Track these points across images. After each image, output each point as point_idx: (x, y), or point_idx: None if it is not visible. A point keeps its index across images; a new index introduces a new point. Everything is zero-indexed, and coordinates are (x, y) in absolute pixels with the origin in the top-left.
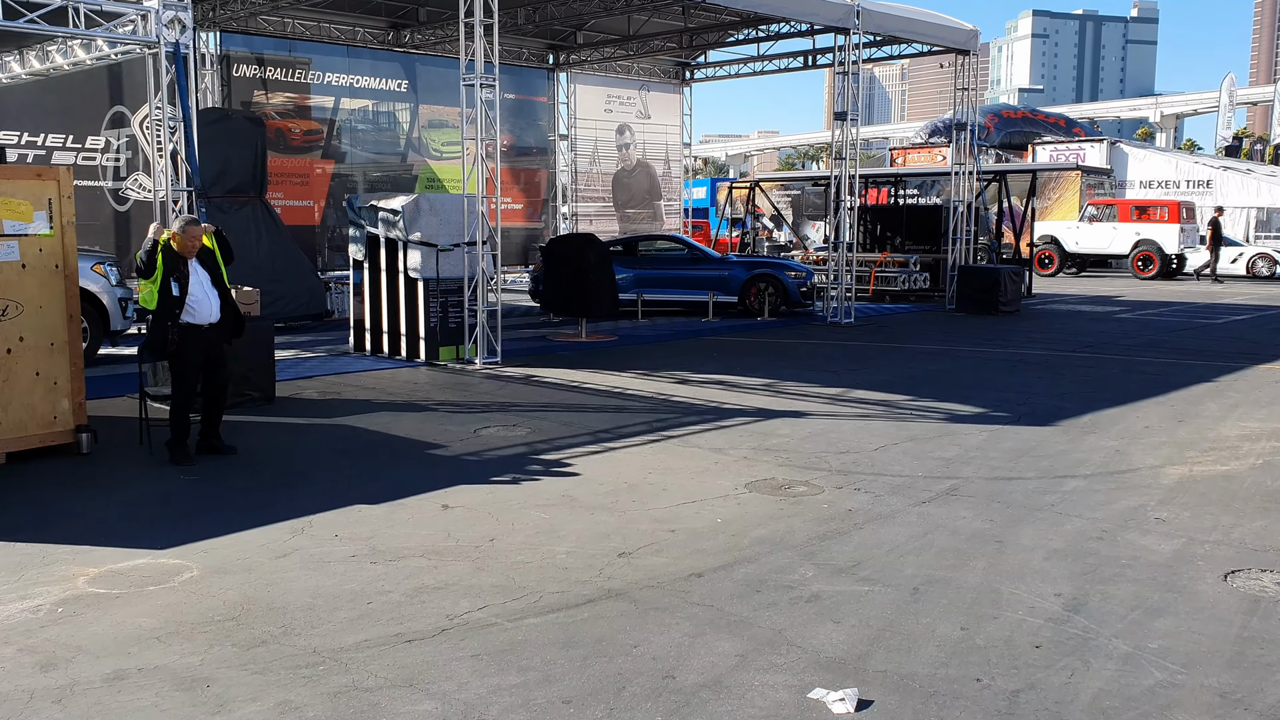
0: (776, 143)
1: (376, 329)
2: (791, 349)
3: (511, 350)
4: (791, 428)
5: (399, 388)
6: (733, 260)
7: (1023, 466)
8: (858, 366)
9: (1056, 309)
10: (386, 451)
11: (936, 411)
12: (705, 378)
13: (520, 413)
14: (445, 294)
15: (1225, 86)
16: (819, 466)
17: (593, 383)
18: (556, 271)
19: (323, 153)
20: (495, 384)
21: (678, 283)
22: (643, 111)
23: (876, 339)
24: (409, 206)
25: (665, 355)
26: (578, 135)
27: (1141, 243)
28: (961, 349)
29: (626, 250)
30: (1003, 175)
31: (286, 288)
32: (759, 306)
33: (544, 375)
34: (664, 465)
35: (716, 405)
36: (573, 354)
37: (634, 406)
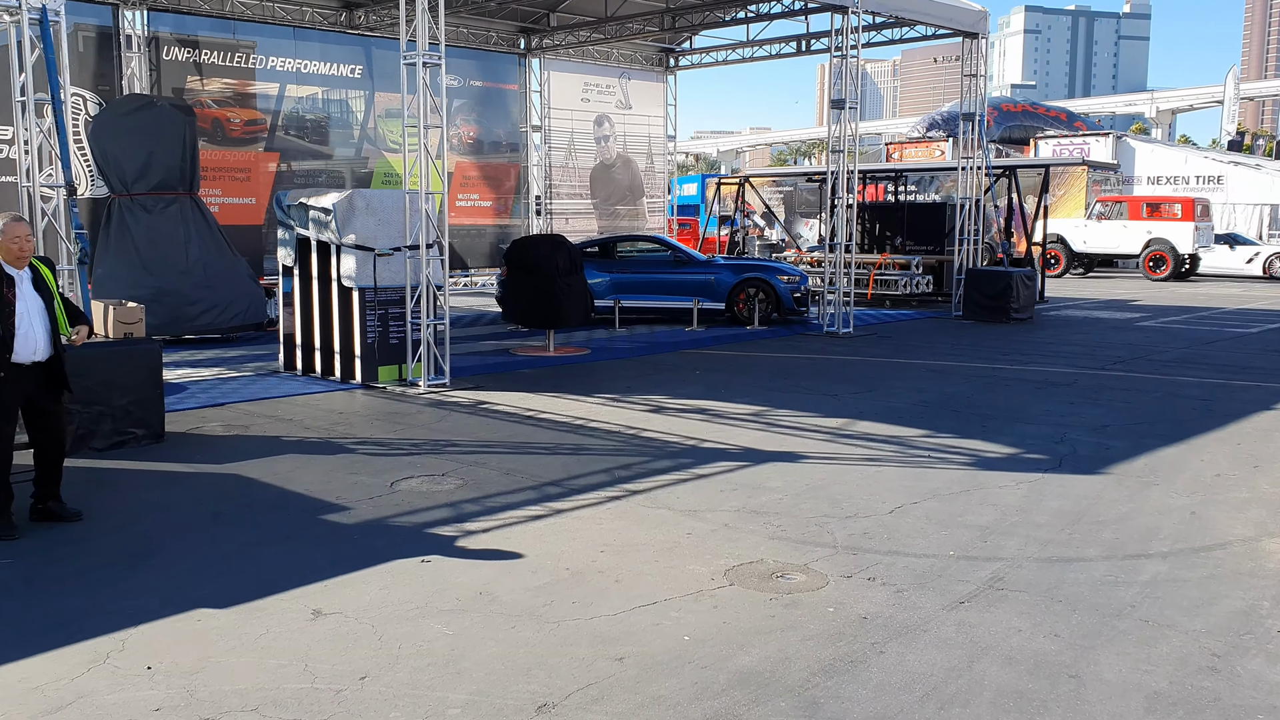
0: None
1: (308, 345)
2: (784, 365)
3: (465, 368)
4: (785, 477)
5: (321, 419)
6: (719, 263)
7: (1080, 538)
8: (861, 389)
9: (1072, 316)
10: (274, 516)
11: (959, 452)
12: (684, 404)
13: (456, 455)
14: (385, 305)
15: (1230, 80)
16: (820, 540)
17: (552, 411)
18: (521, 279)
19: (266, 145)
20: (436, 413)
21: (659, 288)
22: (623, 101)
23: (879, 353)
24: (341, 204)
25: (641, 373)
26: (552, 126)
27: (1153, 242)
28: (976, 365)
29: (603, 252)
30: (1012, 170)
31: (221, 295)
32: (748, 314)
33: (497, 401)
34: (622, 538)
35: (695, 444)
36: (536, 372)
37: (596, 446)
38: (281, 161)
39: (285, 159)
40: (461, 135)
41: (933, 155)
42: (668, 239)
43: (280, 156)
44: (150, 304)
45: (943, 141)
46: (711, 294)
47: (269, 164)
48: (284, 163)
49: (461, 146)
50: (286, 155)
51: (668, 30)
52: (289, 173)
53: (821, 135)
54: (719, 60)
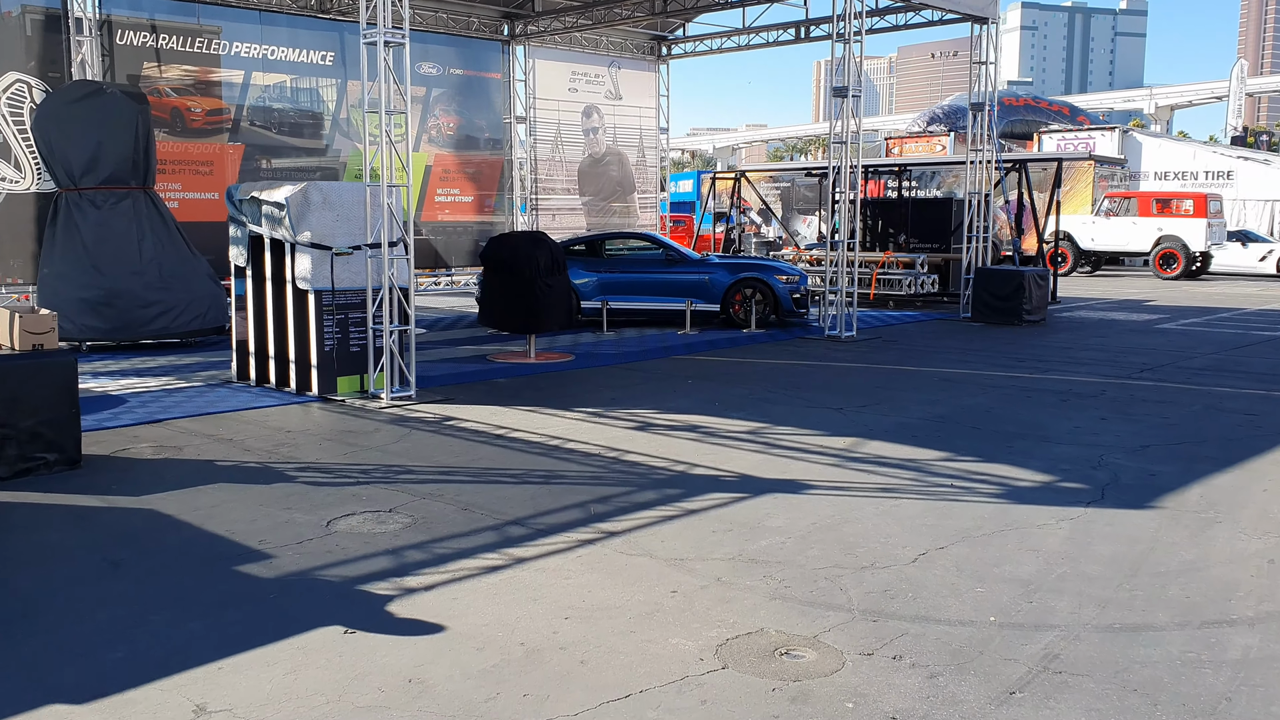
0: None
1: (262, 353)
2: (784, 373)
3: (437, 377)
4: (787, 513)
5: (265, 439)
6: (714, 262)
7: (1143, 596)
8: (868, 400)
9: (1086, 317)
10: (181, 566)
11: (985, 480)
12: (673, 420)
13: (409, 485)
14: (344, 310)
15: (1235, 74)
16: (832, 600)
17: (526, 429)
18: (498, 279)
19: (230, 136)
20: (396, 432)
21: (650, 288)
22: (613, 91)
23: (886, 359)
24: (295, 198)
25: (627, 383)
26: (537, 118)
27: (1164, 239)
28: (993, 374)
29: (590, 250)
30: (1022, 164)
31: (178, 297)
32: (744, 316)
33: (465, 417)
34: (593, 598)
35: (684, 469)
36: (513, 382)
37: (571, 473)
38: (247, 154)
39: (251, 151)
40: (441, 126)
41: (933, 150)
42: (659, 236)
43: (246, 149)
44: (100, 307)
45: (944, 136)
46: (705, 295)
47: (233, 157)
48: (250, 155)
49: (441, 138)
50: (252, 147)
51: (659, 16)
52: (255, 166)
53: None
54: (713, 49)
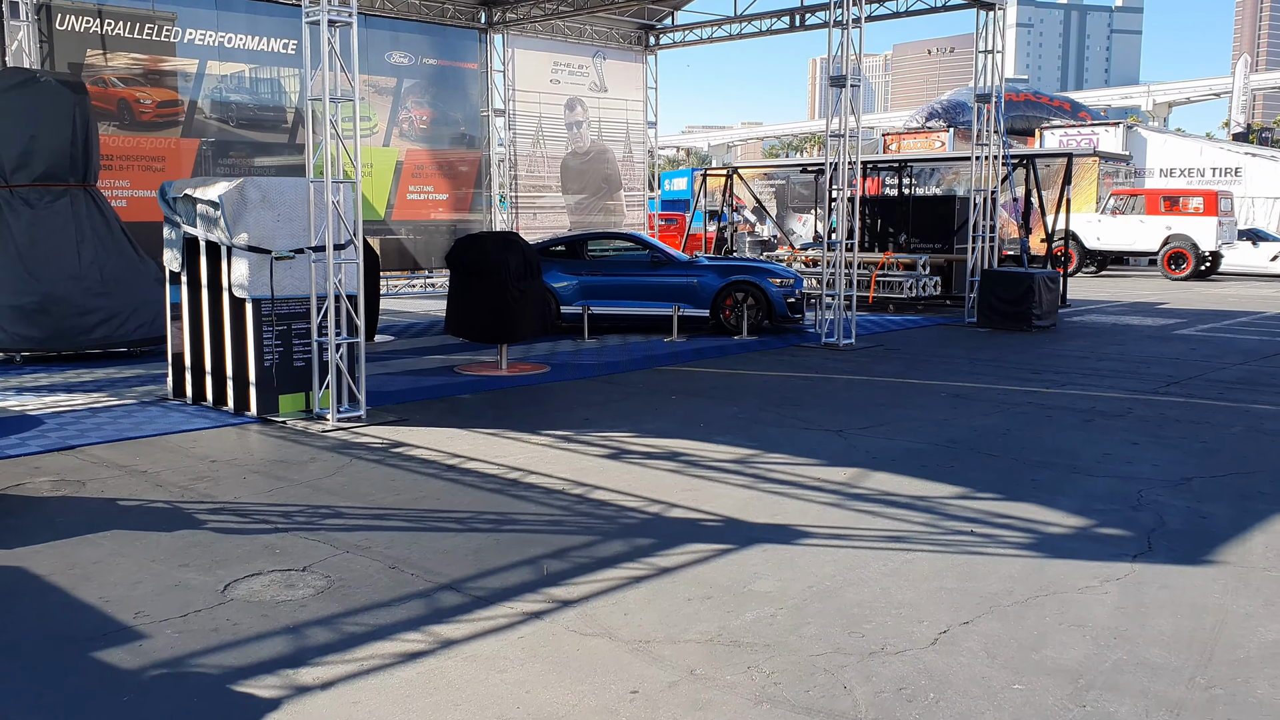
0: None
1: (198, 368)
2: (777, 387)
3: (395, 392)
4: (779, 571)
5: (184, 471)
6: (703, 264)
7: (1225, 698)
8: (870, 421)
9: (1099, 322)
10: (28, 648)
11: (1010, 523)
12: (652, 445)
13: (336, 532)
14: (287, 320)
15: (1239, 70)
16: (834, 707)
17: (484, 457)
18: (465, 284)
19: (184, 130)
20: (335, 461)
21: (634, 292)
22: (598, 83)
23: (888, 370)
24: (230, 196)
25: (605, 399)
26: (517, 110)
27: (1173, 238)
28: (1006, 388)
29: (570, 252)
30: (1030, 160)
31: (121, 303)
32: (735, 322)
33: (417, 442)
34: (532, 703)
35: (659, 511)
36: (479, 398)
37: (527, 516)
38: (203, 149)
39: (208, 147)
40: (414, 120)
41: (932, 146)
42: (645, 237)
43: (201, 144)
44: (35, 315)
45: (943, 132)
46: (694, 299)
47: (188, 152)
48: (206, 151)
49: (414, 132)
50: (208, 142)
51: (646, 3)
52: (212, 161)
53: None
54: (703, 38)
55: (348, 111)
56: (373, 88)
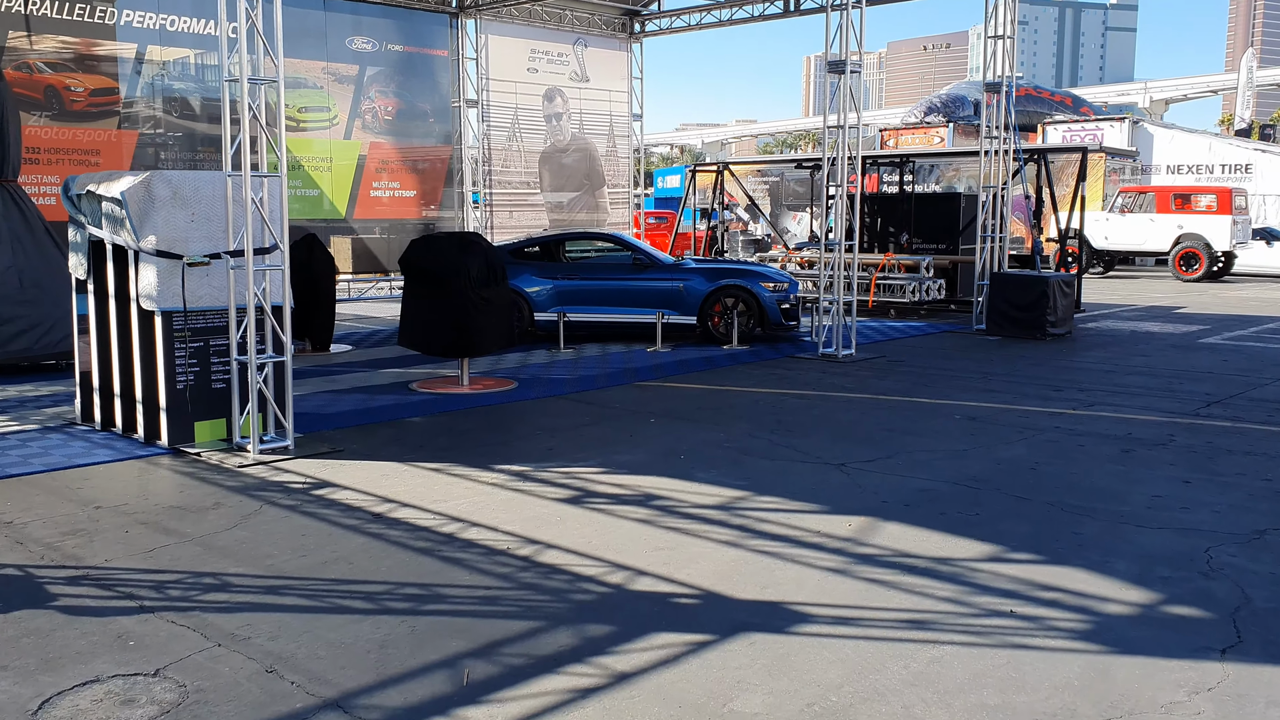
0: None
1: (107, 389)
2: (770, 407)
3: (337, 415)
4: (769, 682)
5: (58, 521)
6: (689, 267)
7: None
8: (877, 451)
9: (1116, 329)
10: None
11: (1057, 598)
12: (622, 484)
13: (214, 612)
14: (204, 336)
15: (1244, 65)
16: None
17: (421, 502)
18: (420, 291)
19: (120, 121)
20: (241, 508)
21: (615, 297)
22: (579, 73)
23: (894, 387)
24: (135, 192)
25: (575, 422)
26: (491, 101)
27: (1185, 238)
28: (1027, 409)
29: (545, 254)
30: (1043, 155)
31: (44, 311)
32: (724, 330)
33: (346, 482)
34: None
35: (623, 581)
36: (430, 422)
37: (457, 589)
38: (143, 142)
39: (148, 139)
40: (378, 110)
41: (931, 142)
42: (626, 238)
43: (140, 136)
44: None
45: (942, 127)
46: (680, 304)
47: (126, 145)
48: (146, 144)
49: (378, 124)
50: (149, 134)
51: None
52: (153, 156)
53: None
54: (691, 24)
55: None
56: (332, 75)
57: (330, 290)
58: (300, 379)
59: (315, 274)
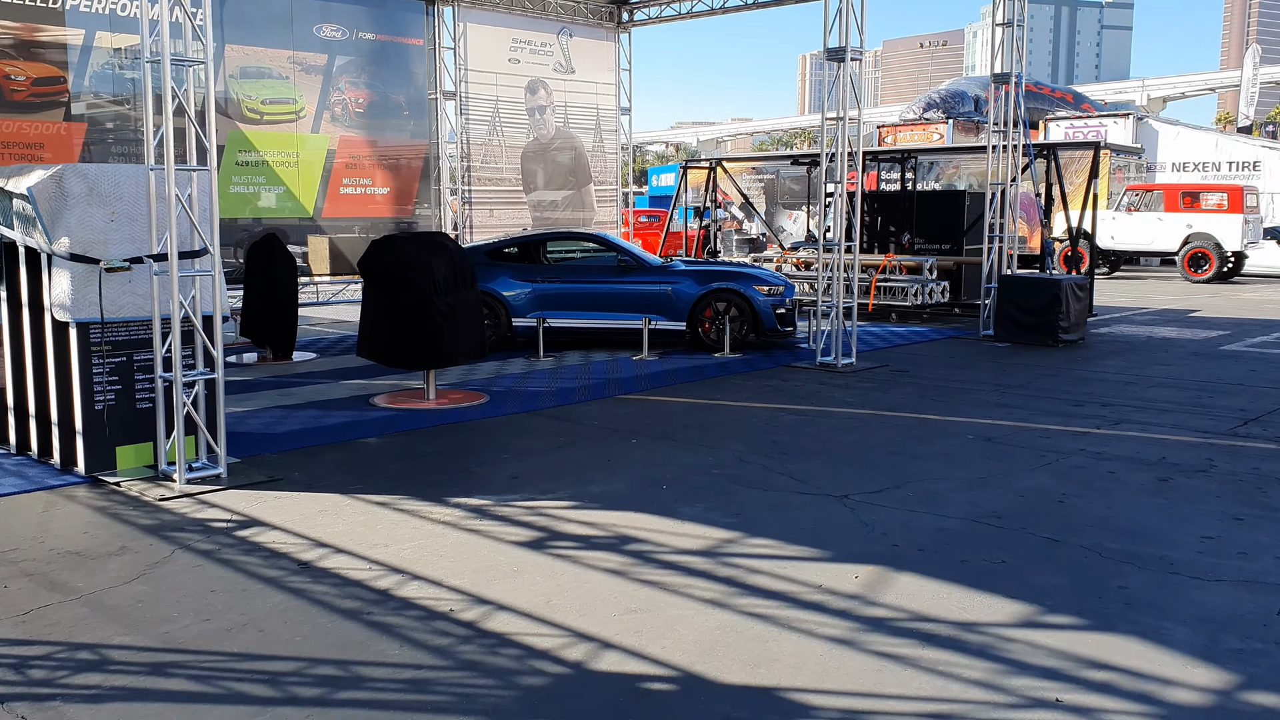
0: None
1: (21, 409)
2: (764, 425)
3: (284, 435)
4: None
5: None
6: (679, 269)
7: None
8: (885, 480)
9: (1131, 335)
10: None
11: (1111, 683)
12: (593, 523)
13: (74, 706)
14: (127, 350)
15: (1249, 61)
16: None
17: (357, 547)
18: (380, 296)
19: (66, 112)
20: (150, 554)
21: (598, 301)
22: (564, 64)
23: (899, 401)
24: (45, 188)
25: (548, 444)
26: (470, 93)
27: (1194, 237)
28: (1047, 427)
29: (524, 254)
30: (1052, 151)
31: None
32: (716, 337)
33: (278, 520)
34: None
35: (585, 655)
36: (386, 443)
37: (378, 672)
38: (93, 135)
39: (98, 132)
40: (348, 103)
41: (930, 138)
42: (611, 238)
43: (90, 128)
44: None
45: (941, 124)
46: (668, 309)
47: (75, 138)
48: (97, 137)
49: (348, 117)
50: (98, 127)
51: None
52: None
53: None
54: (681, 13)
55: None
56: (299, 65)
57: (292, 294)
58: (253, 392)
59: (277, 276)
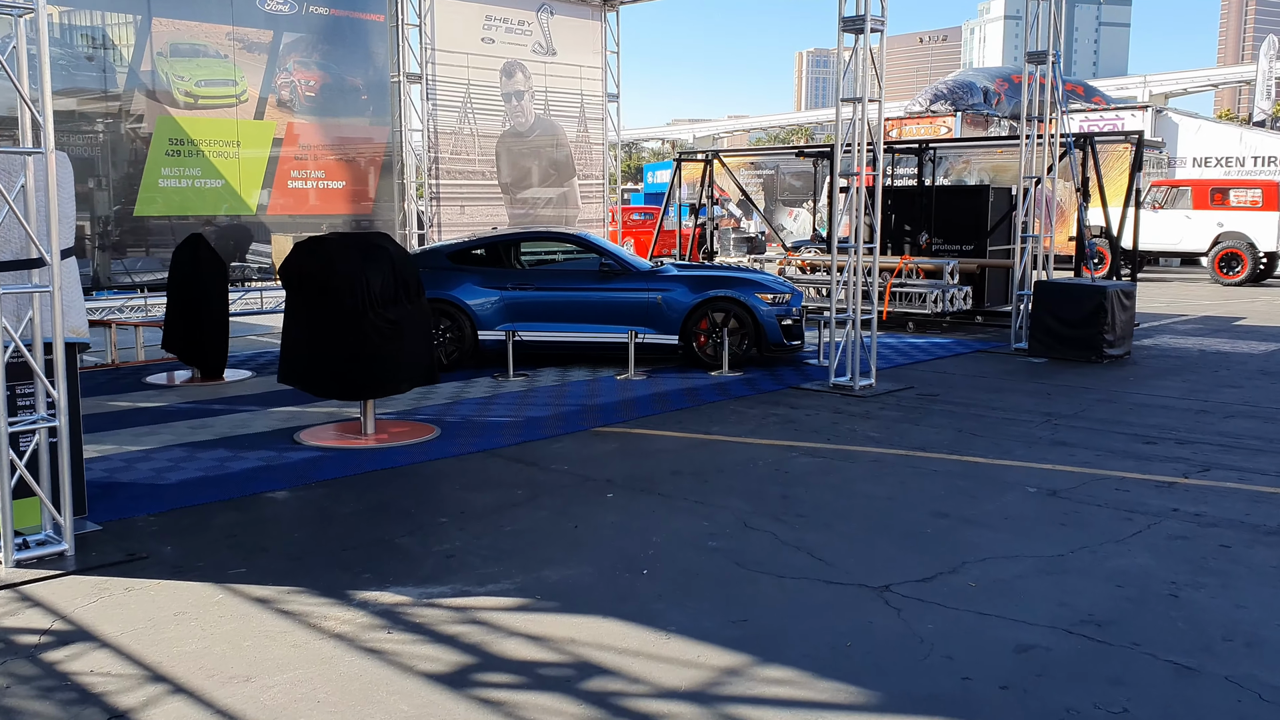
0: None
1: None
2: (771, 471)
3: (175, 484)
4: None
5: None
6: (670, 274)
7: None
8: (933, 560)
9: (1180, 348)
10: None
11: None
12: (545, 640)
13: None
14: None
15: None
16: None
17: (202, 684)
18: (304, 311)
19: None
20: None
21: (578, 312)
22: (544, 44)
23: (933, 436)
24: None
25: (499, 500)
26: (438, 75)
27: (1226, 236)
28: (1121, 473)
29: (493, 257)
30: (1089, 141)
31: None
32: (712, 352)
33: (114, 629)
34: None
35: None
36: (295, 499)
37: None
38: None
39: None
40: (297, 85)
41: (937, 131)
42: (593, 239)
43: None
44: None
45: (949, 116)
46: (658, 320)
47: None
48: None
49: (298, 101)
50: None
51: None
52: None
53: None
54: None
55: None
56: (239, 42)
57: (221, 304)
58: (162, 424)
59: (203, 284)
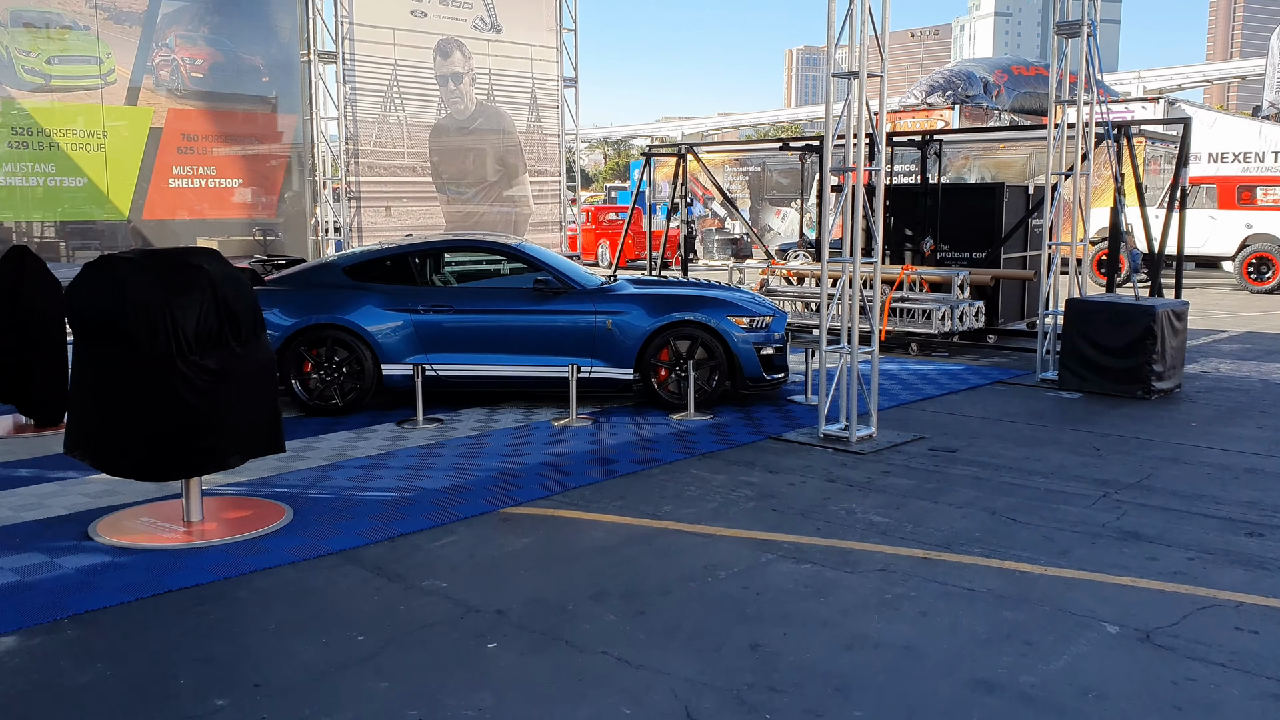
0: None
1: None
2: (735, 590)
3: None
4: None
5: None
6: (625, 293)
7: None
8: None
9: (1238, 377)
10: None
11: None
12: None
13: None
14: None
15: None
16: None
17: None
18: (92, 362)
19: None
20: None
21: (509, 340)
22: (487, 20)
23: (958, 522)
24: None
25: (323, 660)
26: (358, 54)
27: (1255, 239)
28: (1230, 593)
29: (401, 272)
30: (1124, 129)
31: None
32: (676, 389)
33: None
34: None
35: None
36: (26, 647)
37: None
38: None
39: None
40: (181, 65)
41: (934, 125)
42: (528, 248)
43: None
44: None
45: (947, 109)
46: (608, 350)
47: None
48: None
49: (181, 84)
50: None
51: None
52: None
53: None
54: None
55: None
56: (106, 13)
57: (57, 335)
58: None
59: (31, 309)
